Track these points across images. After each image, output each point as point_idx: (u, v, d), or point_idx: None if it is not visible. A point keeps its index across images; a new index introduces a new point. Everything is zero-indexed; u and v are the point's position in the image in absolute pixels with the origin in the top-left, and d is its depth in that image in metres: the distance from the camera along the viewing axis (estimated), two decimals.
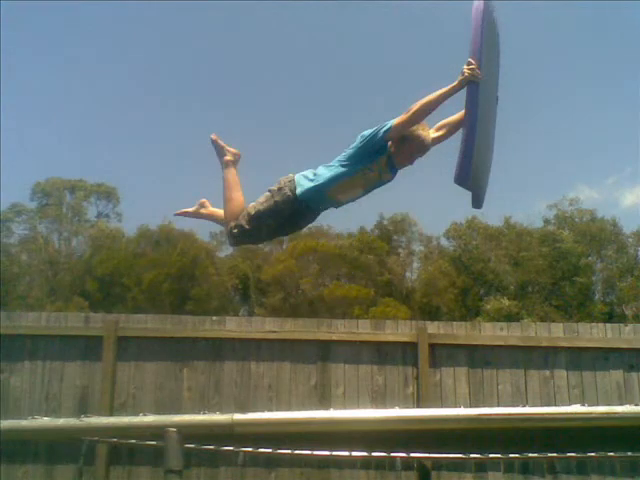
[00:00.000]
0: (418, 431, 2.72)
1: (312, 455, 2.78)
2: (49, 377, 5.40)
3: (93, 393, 5.38)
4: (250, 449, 2.78)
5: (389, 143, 2.99)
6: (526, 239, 26.44)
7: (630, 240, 27.00)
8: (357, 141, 3.01)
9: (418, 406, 5.30)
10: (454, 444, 2.74)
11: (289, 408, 5.28)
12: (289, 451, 2.76)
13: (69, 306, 21.84)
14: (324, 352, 5.52)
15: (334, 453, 2.84)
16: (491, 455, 2.71)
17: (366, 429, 2.71)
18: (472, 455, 2.79)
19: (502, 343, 5.50)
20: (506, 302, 23.35)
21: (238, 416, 2.64)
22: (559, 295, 25.11)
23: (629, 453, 2.73)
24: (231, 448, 2.76)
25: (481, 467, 5.13)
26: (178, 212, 3.57)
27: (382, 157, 3.01)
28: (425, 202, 39.55)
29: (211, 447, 2.77)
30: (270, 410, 4.82)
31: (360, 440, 2.73)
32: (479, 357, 5.50)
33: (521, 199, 44.91)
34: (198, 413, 2.73)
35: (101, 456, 5.14)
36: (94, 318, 5.72)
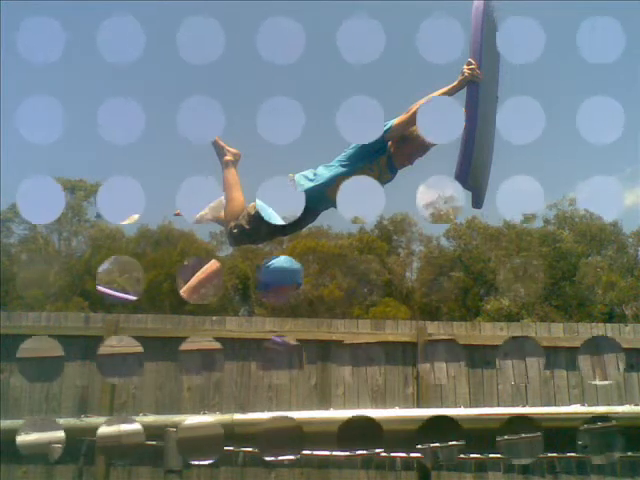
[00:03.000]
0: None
1: (312, 455, 2.78)
2: None
3: (93, 393, 5.38)
4: (250, 449, 2.78)
5: (389, 143, 2.99)
6: (526, 239, 26.42)
7: (630, 240, 26.97)
8: None
9: (418, 406, 5.31)
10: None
11: (289, 408, 5.28)
12: None
13: (69, 306, 21.82)
14: (324, 352, 5.52)
15: (334, 453, 2.84)
16: (491, 455, 2.71)
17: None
18: (472, 455, 2.80)
19: (502, 343, 5.50)
20: (506, 302, 23.33)
21: (238, 416, 2.64)
22: (559, 295, 25.09)
23: (629, 453, 2.73)
24: (231, 448, 2.76)
25: (481, 467, 5.13)
26: (178, 212, 3.57)
27: (382, 157, 3.01)
28: None
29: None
30: (270, 410, 4.83)
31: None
32: (479, 357, 5.51)
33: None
34: (198, 413, 2.72)
35: (101, 456, 5.14)
36: (94, 318, 5.72)
